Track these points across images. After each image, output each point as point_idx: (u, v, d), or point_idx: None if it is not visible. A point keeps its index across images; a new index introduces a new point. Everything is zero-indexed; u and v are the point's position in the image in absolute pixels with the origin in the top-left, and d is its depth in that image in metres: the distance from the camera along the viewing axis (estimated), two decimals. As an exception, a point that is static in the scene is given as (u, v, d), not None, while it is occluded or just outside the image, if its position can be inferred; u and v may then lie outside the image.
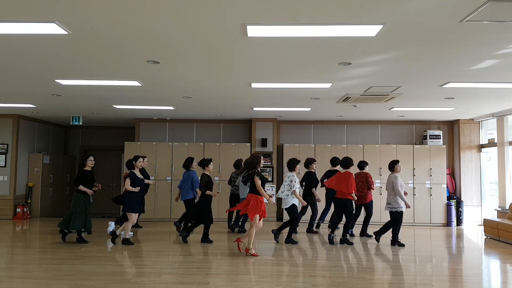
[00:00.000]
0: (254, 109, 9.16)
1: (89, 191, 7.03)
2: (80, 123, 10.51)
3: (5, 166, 10.56)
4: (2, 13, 3.58)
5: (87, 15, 3.61)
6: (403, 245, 7.23)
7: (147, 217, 9.92)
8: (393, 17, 3.60)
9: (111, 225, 8.04)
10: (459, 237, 8.84)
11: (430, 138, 10.71)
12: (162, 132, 11.32)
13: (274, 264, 5.97)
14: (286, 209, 7.30)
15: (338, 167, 8.01)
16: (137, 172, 7.21)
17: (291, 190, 7.13)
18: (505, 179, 9.25)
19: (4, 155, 10.58)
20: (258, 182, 6.31)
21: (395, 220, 7.22)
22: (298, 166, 7.51)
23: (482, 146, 10.55)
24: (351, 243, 7.35)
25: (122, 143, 10.97)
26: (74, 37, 4.21)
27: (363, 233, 8.14)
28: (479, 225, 10.21)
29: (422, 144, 10.80)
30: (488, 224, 8.57)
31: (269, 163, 10.68)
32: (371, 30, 3.91)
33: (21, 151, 10.90)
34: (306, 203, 7.52)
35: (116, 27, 3.91)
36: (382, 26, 3.77)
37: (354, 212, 7.73)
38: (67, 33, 4.04)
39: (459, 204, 10.43)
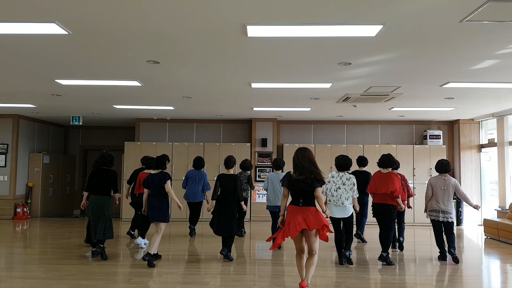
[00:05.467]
0: (254, 109, 9.16)
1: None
2: (80, 123, 10.51)
3: (5, 166, 10.57)
4: (2, 13, 3.58)
5: (87, 15, 3.61)
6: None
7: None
8: (393, 17, 3.60)
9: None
10: (459, 237, 8.83)
11: (430, 138, 10.72)
12: (162, 132, 11.32)
13: (274, 264, 5.97)
14: (346, 219, 5.95)
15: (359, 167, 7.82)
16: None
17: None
18: (505, 179, 9.25)
19: (4, 155, 10.58)
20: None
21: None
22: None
23: (482, 146, 10.55)
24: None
25: (122, 143, 10.97)
26: (74, 37, 4.21)
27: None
28: (479, 225, 10.21)
29: (422, 144, 10.80)
30: (488, 224, 8.57)
31: (269, 163, 10.68)
32: (371, 30, 3.90)
33: (21, 151, 10.90)
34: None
35: (116, 27, 3.91)
36: (382, 26, 3.77)
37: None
38: (67, 33, 4.04)
39: (459, 204, 10.42)
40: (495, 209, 9.45)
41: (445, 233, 6.23)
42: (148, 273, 5.38)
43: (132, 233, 7.86)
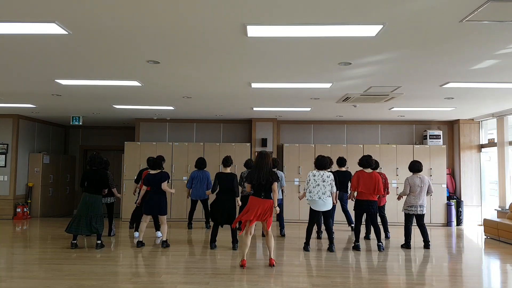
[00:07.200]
0: (254, 109, 9.16)
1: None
2: (80, 123, 10.51)
3: (5, 166, 10.57)
4: (2, 13, 3.58)
5: (87, 15, 3.61)
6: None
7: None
8: (393, 17, 3.60)
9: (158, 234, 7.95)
10: (459, 237, 8.84)
11: (430, 138, 10.72)
12: (162, 132, 11.32)
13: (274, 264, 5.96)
14: (327, 212, 6.86)
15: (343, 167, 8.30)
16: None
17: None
18: (505, 179, 9.25)
19: (4, 155, 10.58)
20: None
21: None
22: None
23: (482, 146, 10.55)
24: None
25: (122, 143, 10.98)
26: (74, 37, 4.21)
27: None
28: (479, 225, 10.22)
29: (422, 144, 10.80)
30: (488, 224, 8.57)
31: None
32: (371, 30, 3.90)
33: (21, 151, 10.90)
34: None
35: (116, 27, 3.91)
36: (382, 26, 3.77)
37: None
38: (67, 33, 4.04)
39: (459, 204, 10.43)
40: (495, 209, 9.45)
41: (419, 223, 7.23)
42: (148, 273, 5.38)
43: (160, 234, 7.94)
